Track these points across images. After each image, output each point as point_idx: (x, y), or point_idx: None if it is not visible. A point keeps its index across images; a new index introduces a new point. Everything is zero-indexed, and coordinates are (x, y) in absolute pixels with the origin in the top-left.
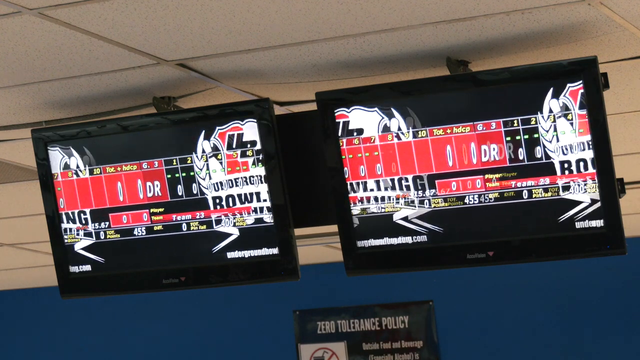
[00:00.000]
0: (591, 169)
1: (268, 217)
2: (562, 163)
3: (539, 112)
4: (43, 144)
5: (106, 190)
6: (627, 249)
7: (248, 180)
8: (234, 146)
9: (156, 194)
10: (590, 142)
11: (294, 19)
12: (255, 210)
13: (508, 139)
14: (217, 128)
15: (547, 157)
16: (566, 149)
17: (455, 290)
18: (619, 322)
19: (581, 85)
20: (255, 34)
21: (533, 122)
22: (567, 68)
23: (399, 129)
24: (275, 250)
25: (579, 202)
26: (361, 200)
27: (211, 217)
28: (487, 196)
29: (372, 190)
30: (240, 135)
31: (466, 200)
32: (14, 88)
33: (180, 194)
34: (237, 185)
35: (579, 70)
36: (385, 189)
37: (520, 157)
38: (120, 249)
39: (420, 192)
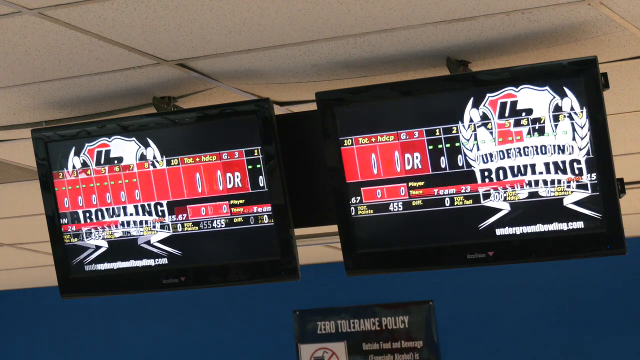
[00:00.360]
0: (510, 177)
1: None
2: (482, 171)
3: (459, 122)
4: (43, 144)
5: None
6: (627, 249)
7: None
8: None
9: (236, 185)
10: (508, 151)
11: (294, 19)
12: None
13: (430, 147)
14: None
15: (468, 165)
16: (486, 158)
17: (455, 290)
18: (619, 322)
19: (500, 95)
20: (255, 34)
21: (454, 131)
22: (567, 68)
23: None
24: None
25: (498, 210)
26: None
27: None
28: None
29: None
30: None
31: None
32: (14, 88)
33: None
34: None
35: (579, 70)
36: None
37: (442, 165)
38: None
39: None
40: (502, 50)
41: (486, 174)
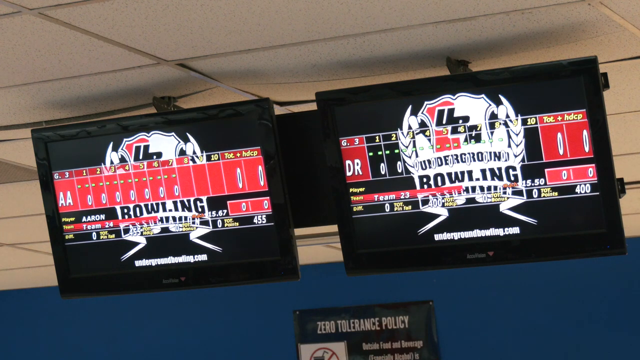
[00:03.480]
0: (448, 183)
1: None
2: (420, 178)
3: (399, 129)
4: (43, 144)
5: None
6: (627, 249)
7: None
8: None
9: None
10: (446, 158)
11: (294, 19)
12: None
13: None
14: None
15: (407, 172)
16: (424, 164)
17: (455, 290)
18: (619, 321)
19: (438, 102)
20: (255, 34)
21: (394, 138)
22: (567, 68)
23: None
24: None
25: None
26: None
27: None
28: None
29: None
30: None
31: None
32: (14, 88)
33: None
34: None
35: (579, 70)
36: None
37: (382, 172)
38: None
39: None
40: (502, 50)
41: (424, 180)
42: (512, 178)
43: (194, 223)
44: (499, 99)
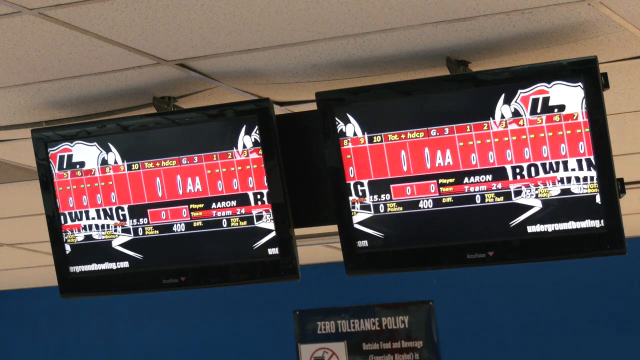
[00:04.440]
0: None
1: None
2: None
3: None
4: (43, 144)
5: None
6: (627, 249)
7: None
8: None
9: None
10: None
11: (294, 19)
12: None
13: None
14: None
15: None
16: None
17: (455, 290)
18: (619, 322)
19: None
20: (255, 34)
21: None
22: (567, 68)
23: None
24: None
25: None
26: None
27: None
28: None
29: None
30: None
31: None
32: (14, 88)
33: None
34: None
35: (579, 70)
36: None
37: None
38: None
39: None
40: (502, 50)
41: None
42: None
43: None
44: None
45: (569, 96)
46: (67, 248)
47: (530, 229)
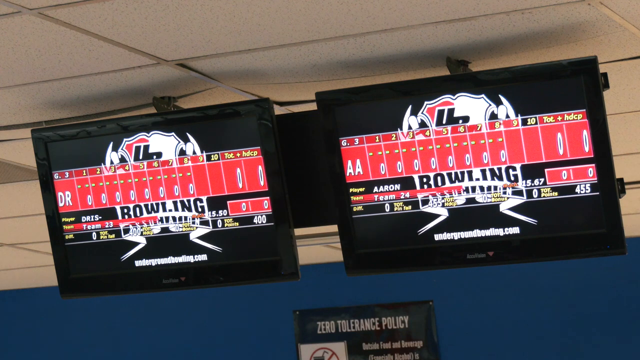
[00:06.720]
0: (448, 183)
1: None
2: (420, 178)
3: (399, 129)
4: (43, 144)
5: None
6: (627, 249)
7: None
8: None
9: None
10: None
11: (294, 19)
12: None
13: None
14: None
15: (407, 172)
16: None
17: (455, 290)
18: (619, 322)
19: (438, 102)
20: (255, 34)
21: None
22: (567, 68)
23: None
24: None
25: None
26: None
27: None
28: None
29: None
30: None
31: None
32: (14, 88)
33: None
34: None
35: (579, 70)
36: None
37: (382, 172)
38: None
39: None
40: (502, 50)
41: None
42: (512, 178)
43: (194, 223)
44: (499, 99)
45: (473, 108)
46: (67, 248)
47: (437, 237)
